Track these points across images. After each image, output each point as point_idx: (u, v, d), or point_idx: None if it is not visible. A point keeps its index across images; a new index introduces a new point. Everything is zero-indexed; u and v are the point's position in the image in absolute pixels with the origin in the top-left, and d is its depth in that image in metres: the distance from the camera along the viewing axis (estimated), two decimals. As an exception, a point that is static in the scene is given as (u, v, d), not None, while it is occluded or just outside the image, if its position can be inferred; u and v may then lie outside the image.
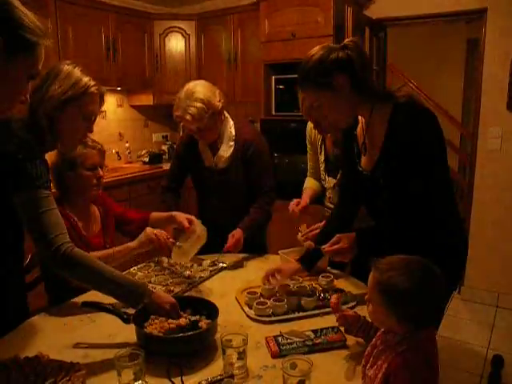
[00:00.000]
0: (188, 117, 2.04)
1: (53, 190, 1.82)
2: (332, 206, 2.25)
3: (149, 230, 1.85)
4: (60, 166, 1.83)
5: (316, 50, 1.51)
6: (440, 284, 1.08)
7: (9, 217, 1.42)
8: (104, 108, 1.66)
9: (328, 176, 2.19)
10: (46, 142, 1.46)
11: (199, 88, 2.07)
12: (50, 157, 1.79)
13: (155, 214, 2.07)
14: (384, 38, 4.06)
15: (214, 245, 2.05)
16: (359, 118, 1.62)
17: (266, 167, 2.25)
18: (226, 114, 2.24)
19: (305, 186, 2.35)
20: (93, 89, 1.49)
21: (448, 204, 1.56)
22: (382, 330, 1.15)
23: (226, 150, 2.22)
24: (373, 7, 3.89)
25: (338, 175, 2.10)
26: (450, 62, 6.16)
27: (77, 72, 1.47)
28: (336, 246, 1.63)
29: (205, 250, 2.00)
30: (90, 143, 1.86)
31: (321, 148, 2.22)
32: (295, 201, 2.25)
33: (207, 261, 2.09)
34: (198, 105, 2.02)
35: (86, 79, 1.48)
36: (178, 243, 1.89)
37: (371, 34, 3.74)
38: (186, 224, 1.92)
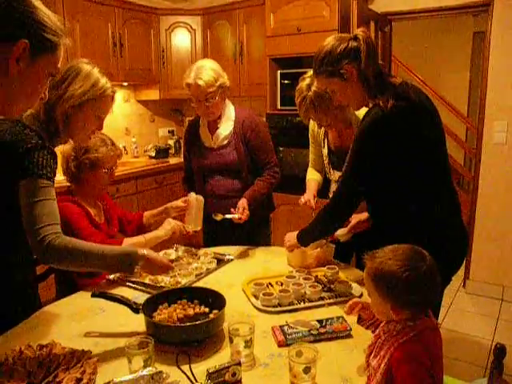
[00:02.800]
0: (200, 81, 2.15)
1: (63, 183, 1.88)
2: None
3: (171, 220, 2.06)
4: (82, 162, 1.90)
5: (329, 40, 1.62)
6: (430, 268, 1.09)
7: (16, 208, 1.44)
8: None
9: (333, 169, 2.20)
10: (58, 137, 1.50)
11: (209, 62, 2.25)
12: (65, 151, 1.91)
13: (147, 212, 2.25)
14: (389, 32, 4.06)
15: (221, 232, 2.21)
16: None
17: (265, 142, 2.37)
18: (228, 100, 2.36)
19: (308, 177, 2.37)
20: (109, 91, 1.56)
21: (428, 196, 1.61)
22: (385, 320, 1.18)
23: (225, 129, 2.34)
24: (378, 1, 3.88)
25: (344, 168, 2.11)
26: (457, 55, 6.15)
27: (96, 73, 1.52)
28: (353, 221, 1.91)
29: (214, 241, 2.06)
30: (112, 147, 1.96)
31: (323, 142, 2.23)
32: (302, 198, 2.23)
33: (212, 253, 2.13)
34: (210, 73, 2.18)
35: (103, 81, 1.53)
36: (186, 225, 2.13)
37: (376, 28, 3.74)
38: (182, 203, 2.18)
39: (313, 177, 2.34)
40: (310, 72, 1.98)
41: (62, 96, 1.46)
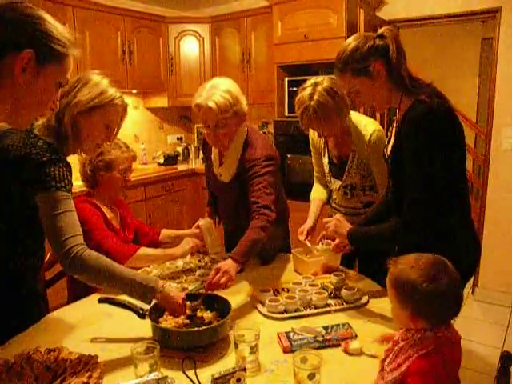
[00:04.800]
0: (212, 104, 1.78)
1: (80, 188, 1.91)
2: (337, 206, 2.26)
3: (190, 240, 2.05)
4: (96, 164, 1.95)
5: (351, 40, 1.56)
6: (451, 280, 1.08)
7: (27, 216, 1.47)
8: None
9: (332, 177, 2.19)
10: (69, 145, 1.52)
11: (228, 82, 1.88)
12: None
13: (165, 231, 2.24)
14: (397, 39, 4.06)
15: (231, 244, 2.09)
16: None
17: (257, 182, 1.87)
18: (243, 128, 1.98)
19: (312, 195, 2.34)
20: (117, 100, 1.56)
21: (451, 205, 1.53)
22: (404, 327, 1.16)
23: (230, 167, 2.01)
24: (385, 8, 3.89)
25: (344, 177, 2.11)
26: (465, 61, 6.13)
27: (105, 82, 1.55)
28: (337, 241, 1.80)
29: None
30: (125, 149, 2.01)
31: (324, 151, 2.22)
32: (300, 229, 2.19)
33: (220, 260, 2.13)
34: (226, 96, 1.80)
35: (112, 90, 1.55)
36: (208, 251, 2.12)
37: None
38: (196, 230, 2.11)
39: (318, 195, 2.32)
40: (311, 81, 1.97)
41: (70, 102, 1.48)
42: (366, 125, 2.02)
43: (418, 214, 1.49)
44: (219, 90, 1.81)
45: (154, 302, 1.45)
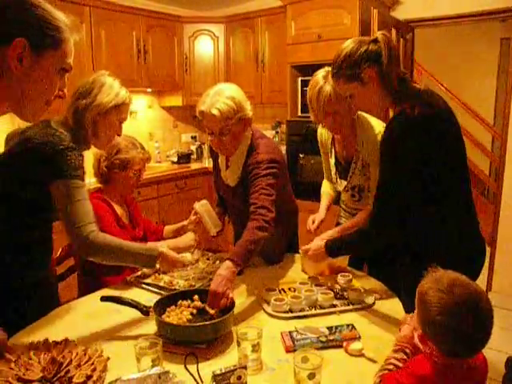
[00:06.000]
0: (215, 111, 1.79)
1: (93, 183, 1.98)
2: (346, 208, 2.26)
3: (192, 235, 2.07)
4: (112, 162, 2.01)
5: (348, 43, 1.58)
6: (480, 323, 0.99)
7: (37, 208, 1.55)
8: (135, 109, 1.84)
9: (340, 178, 2.18)
10: (85, 141, 1.64)
11: (232, 89, 1.88)
12: (97, 152, 2.03)
13: (168, 227, 2.29)
14: (411, 39, 4.03)
15: None
16: None
17: (257, 184, 1.85)
18: (248, 133, 1.97)
19: (322, 190, 2.35)
20: (128, 99, 1.71)
21: (426, 210, 1.56)
22: None
23: (235, 172, 2.00)
24: (400, 8, 3.87)
25: (348, 178, 2.10)
26: (483, 61, 6.04)
27: (117, 84, 1.68)
28: (305, 247, 1.87)
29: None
30: (141, 150, 2.07)
31: (331, 152, 2.21)
32: (311, 218, 2.21)
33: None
34: (229, 102, 1.80)
35: (123, 91, 1.69)
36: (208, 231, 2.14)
37: (398, 35, 3.72)
38: (193, 216, 2.13)
39: (326, 189, 2.33)
40: (323, 69, 1.93)
41: (91, 104, 1.61)
42: (372, 127, 2.01)
43: (381, 219, 1.57)
44: (223, 97, 1.80)
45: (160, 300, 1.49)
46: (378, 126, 2.00)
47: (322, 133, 2.20)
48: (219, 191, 2.28)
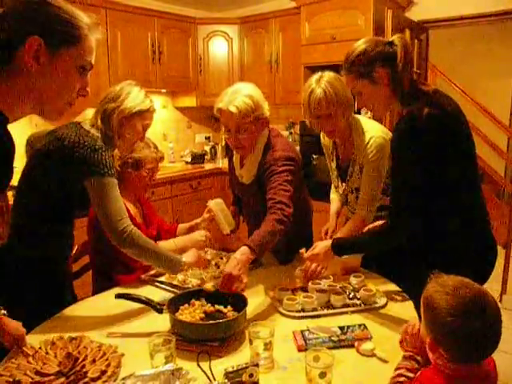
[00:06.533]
0: (233, 109, 1.80)
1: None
2: (352, 209, 2.25)
3: (203, 232, 2.08)
4: (125, 161, 2.04)
5: (363, 41, 1.59)
6: (487, 323, 0.98)
7: (67, 203, 1.68)
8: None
9: (341, 181, 2.19)
10: (113, 143, 1.74)
11: (250, 88, 1.89)
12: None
13: (181, 225, 2.31)
14: (426, 40, 4.01)
15: None
16: None
17: (274, 181, 1.86)
18: (265, 131, 1.98)
19: (331, 196, 2.37)
20: (152, 108, 1.82)
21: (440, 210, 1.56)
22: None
23: (250, 170, 2.01)
24: (414, 9, 3.85)
25: (347, 181, 2.11)
26: (499, 62, 5.97)
27: (142, 93, 1.80)
28: (310, 253, 1.80)
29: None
30: (154, 150, 2.10)
31: (332, 155, 2.20)
32: (324, 230, 2.24)
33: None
34: (247, 100, 1.81)
35: (148, 100, 1.81)
36: (222, 230, 2.16)
37: (412, 36, 3.70)
38: (206, 214, 2.17)
39: (334, 195, 2.35)
40: (319, 72, 1.98)
41: (118, 107, 1.72)
42: (367, 131, 2.00)
43: (399, 220, 1.57)
44: (241, 95, 1.82)
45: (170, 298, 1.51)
46: (373, 130, 2.00)
47: (325, 137, 2.21)
48: (234, 190, 2.29)
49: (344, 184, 2.15)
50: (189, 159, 4.85)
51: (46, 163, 1.64)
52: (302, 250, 2.00)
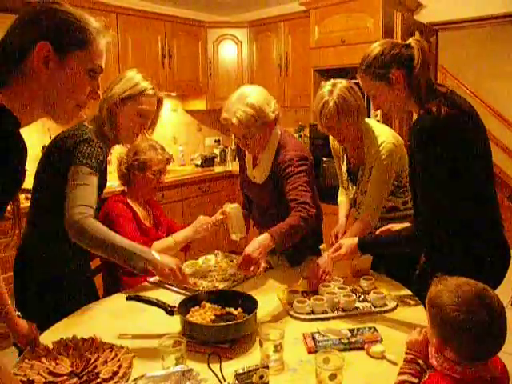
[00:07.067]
0: (235, 120, 1.84)
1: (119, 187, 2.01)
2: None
3: (202, 218, 2.08)
4: (131, 163, 2.05)
5: (379, 44, 1.61)
6: (491, 318, 1.00)
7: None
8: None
9: (350, 185, 2.18)
10: (107, 133, 1.68)
11: (254, 93, 1.89)
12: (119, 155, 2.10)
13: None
14: (435, 42, 4.00)
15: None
16: None
17: (293, 182, 1.89)
18: (278, 130, 2.02)
19: (339, 198, 2.38)
20: (149, 91, 1.70)
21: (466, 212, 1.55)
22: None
23: (264, 169, 2.03)
24: (423, 11, 3.85)
25: (357, 184, 2.11)
26: (509, 64, 5.93)
27: (138, 76, 1.71)
28: (335, 254, 1.76)
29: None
30: (160, 151, 2.09)
31: (343, 158, 2.20)
32: (333, 233, 2.24)
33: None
34: (249, 110, 1.83)
35: (144, 83, 1.70)
36: (232, 235, 2.11)
37: (421, 38, 3.69)
38: (219, 216, 2.11)
39: (342, 198, 2.36)
40: (329, 82, 1.99)
41: (107, 95, 1.67)
42: (378, 136, 2.01)
43: (429, 221, 1.53)
44: (243, 105, 1.83)
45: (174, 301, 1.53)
46: (384, 134, 2.01)
47: (334, 140, 2.21)
48: (245, 191, 2.31)
49: (354, 187, 2.16)
50: (199, 162, 4.88)
51: (47, 161, 1.66)
52: (323, 246, 2.03)
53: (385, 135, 2.02)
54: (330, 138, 2.23)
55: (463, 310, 1.00)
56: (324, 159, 3.92)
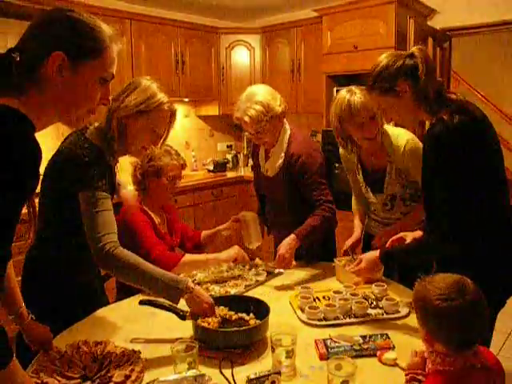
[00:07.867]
0: (247, 118, 2.03)
1: (133, 191, 2.07)
2: (376, 217, 2.24)
3: (237, 247, 2.11)
4: (146, 170, 2.04)
5: (384, 57, 1.61)
6: (468, 304, 1.06)
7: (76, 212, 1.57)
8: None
9: (372, 192, 2.16)
10: (115, 145, 1.60)
11: (260, 91, 2.09)
12: (134, 160, 2.03)
13: (204, 232, 2.32)
14: (448, 48, 3.98)
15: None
16: None
17: (314, 181, 2.10)
18: (286, 125, 2.19)
19: (353, 207, 2.38)
20: (165, 106, 1.61)
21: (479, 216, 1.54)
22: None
23: (275, 161, 2.19)
24: (436, 17, 3.83)
25: (384, 189, 2.09)
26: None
27: (153, 87, 1.60)
28: (356, 268, 1.81)
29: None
30: (175, 157, 2.08)
31: (357, 168, 2.19)
32: (349, 242, 2.22)
33: (263, 266, 2.17)
34: (258, 107, 2.02)
35: (160, 95, 1.59)
36: (247, 243, 2.21)
37: (435, 44, 3.68)
38: (233, 223, 2.23)
39: (359, 206, 2.35)
40: (345, 88, 2.02)
41: (119, 105, 1.56)
42: (399, 136, 2.01)
43: (444, 228, 1.53)
44: (252, 103, 2.04)
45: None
46: (405, 134, 2.02)
47: (345, 151, 2.18)
48: (259, 190, 2.38)
49: (376, 193, 2.15)
50: (211, 167, 4.89)
51: (49, 174, 1.58)
52: (347, 248, 2.15)
53: (406, 135, 2.03)
54: (340, 149, 2.22)
55: (443, 298, 1.06)
56: (336, 165, 3.90)
